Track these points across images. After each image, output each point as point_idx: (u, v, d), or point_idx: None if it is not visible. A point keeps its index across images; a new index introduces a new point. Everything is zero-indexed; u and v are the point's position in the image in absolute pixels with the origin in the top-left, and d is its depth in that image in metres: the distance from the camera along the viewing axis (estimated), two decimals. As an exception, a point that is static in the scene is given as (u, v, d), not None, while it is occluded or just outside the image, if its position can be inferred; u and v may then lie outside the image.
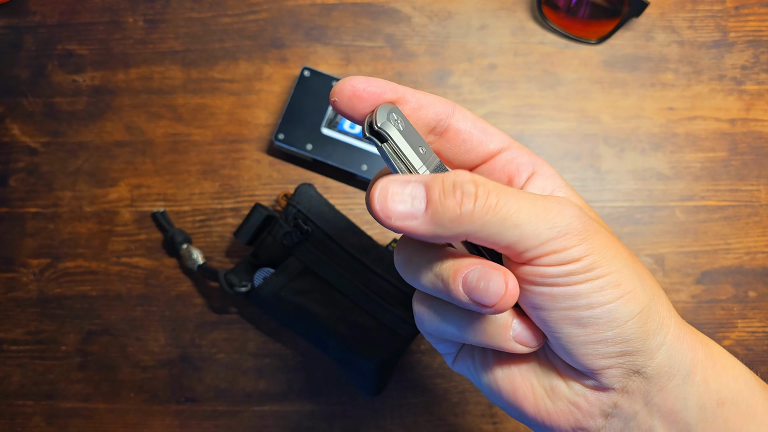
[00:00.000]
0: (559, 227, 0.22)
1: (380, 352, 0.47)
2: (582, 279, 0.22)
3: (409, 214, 0.22)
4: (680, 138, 0.53)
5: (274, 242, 0.47)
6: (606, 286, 0.22)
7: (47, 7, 0.55)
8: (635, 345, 0.23)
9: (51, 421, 0.51)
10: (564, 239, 0.22)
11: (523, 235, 0.22)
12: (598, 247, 0.23)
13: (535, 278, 0.23)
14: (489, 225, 0.22)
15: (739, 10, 0.54)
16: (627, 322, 0.22)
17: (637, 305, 0.23)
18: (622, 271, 0.23)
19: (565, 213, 0.23)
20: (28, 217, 0.52)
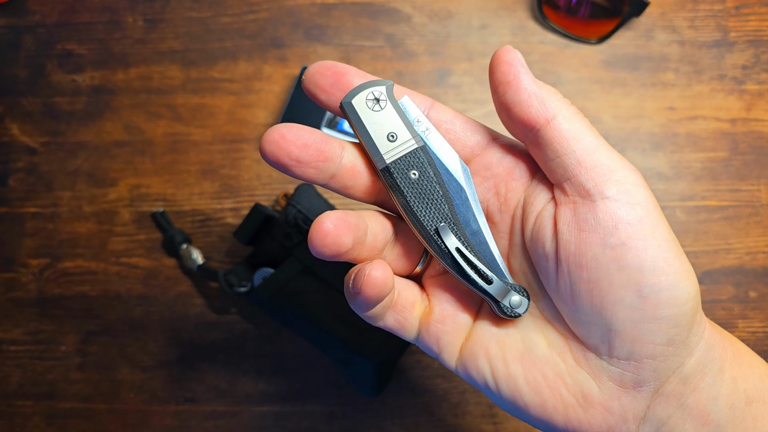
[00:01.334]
0: (626, 164, 0.22)
1: (380, 352, 0.47)
2: (650, 234, 0.21)
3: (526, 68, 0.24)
4: (681, 138, 0.53)
5: (273, 242, 0.47)
6: (669, 252, 0.21)
7: (46, 7, 0.55)
8: (682, 335, 0.21)
9: (50, 422, 0.50)
10: (632, 175, 0.22)
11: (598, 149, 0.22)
12: (656, 208, 0.22)
13: (606, 219, 0.21)
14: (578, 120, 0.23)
15: (739, 10, 0.54)
16: (684, 305, 0.21)
17: (692, 287, 0.21)
18: (677, 246, 0.22)
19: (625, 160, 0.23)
20: (27, 217, 0.52)
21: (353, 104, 0.25)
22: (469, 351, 0.25)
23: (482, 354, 0.25)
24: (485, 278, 0.24)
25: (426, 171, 0.25)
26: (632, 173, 0.22)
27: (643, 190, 0.22)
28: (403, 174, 0.25)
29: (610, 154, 0.22)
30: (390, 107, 0.25)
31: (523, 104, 0.23)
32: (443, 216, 0.25)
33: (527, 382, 0.24)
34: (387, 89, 0.25)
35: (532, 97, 0.22)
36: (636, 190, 0.21)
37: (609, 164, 0.22)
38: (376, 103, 0.25)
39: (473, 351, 0.25)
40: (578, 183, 0.22)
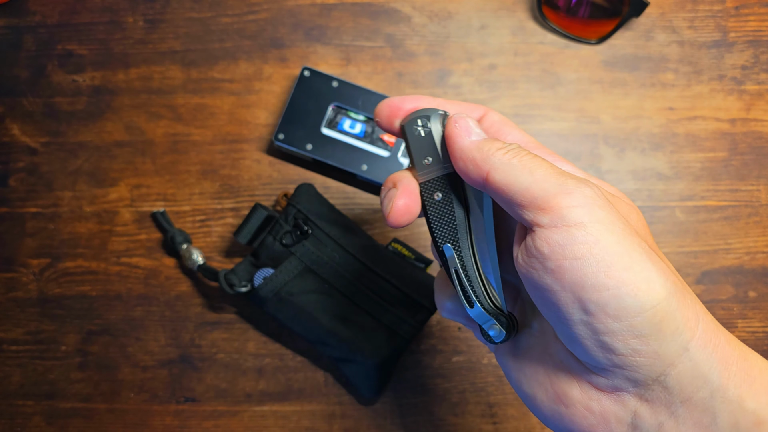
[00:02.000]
0: (568, 187, 0.23)
1: (380, 352, 0.47)
2: (586, 252, 0.21)
3: (468, 132, 0.26)
4: (680, 138, 0.53)
5: (274, 242, 0.47)
6: (614, 266, 0.21)
7: (47, 7, 0.55)
8: (650, 345, 0.21)
9: (51, 421, 0.51)
10: (568, 196, 0.22)
11: (533, 184, 0.23)
12: (605, 219, 0.22)
13: (545, 248, 0.22)
14: (510, 166, 0.24)
15: (739, 10, 0.54)
16: (638, 316, 0.21)
17: (649, 298, 0.21)
18: (633, 255, 0.22)
19: (579, 181, 0.23)
20: (28, 217, 0.52)
21: (404, 127, 0.29)
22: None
23: (503, 346, 0.29)
24: (469, 301, 0.27)
25: (448, 195, 0.28)
26: (568, 196, 0.23)
27: (582, 210, 0.22)
28: (428, 194, 0.28)
29: (548, 183, 0.23)
30: (431, 133, 0.28)
31: (461, 169, 0.26)
32: (452, 238, 0.28)
33: (524, 375, 0.27)
34: (433, 117, 0.28)
35: (467, 162, 0.26)
36: (572, 211, 0.22)
37: (545, 195, 0.23)
38: (422, 128, 0.28)
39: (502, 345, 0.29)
40: (522, 220, 0.24)
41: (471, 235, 0.28)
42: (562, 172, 0.24)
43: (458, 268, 0.27)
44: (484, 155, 0.25)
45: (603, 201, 0.23)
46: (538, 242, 0.23)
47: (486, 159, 0.25)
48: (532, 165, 0.24)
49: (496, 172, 0.24)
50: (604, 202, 0.23)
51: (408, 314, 0.47)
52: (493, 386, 0.50)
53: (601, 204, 0.23)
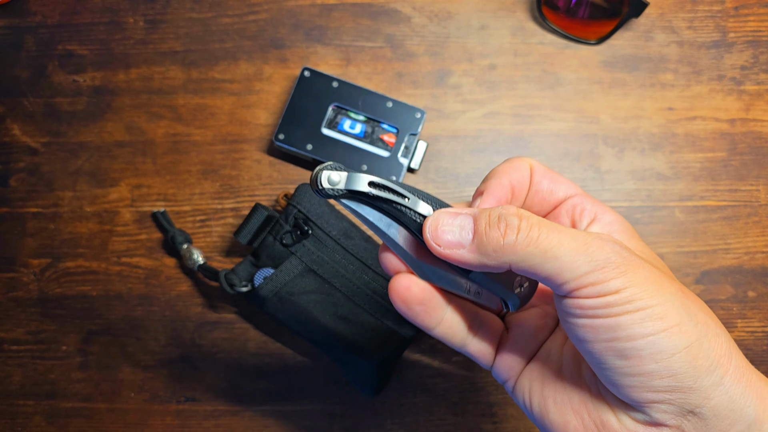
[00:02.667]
0: (598, 260, 0.23)
1: (380, 352, 0.47)
2: (621, 311, 0.22)
3: (457, 243, 0.24)
4: (680, 138, 0.53)
5: (274, 242, 0.47)
6: (647, 318, 0.22)
7: (48, 8, 0.55)
8: (685, 381, 0.22)
9: (51, 421, 0.51)
10: (602, 272, 0.23)
11: (563, 268, 0.23)
12: (639, 280, 0.23)
13: (575, 310, 0.23)
14: (530, 256, 0.23)
15: (738, 11, 0.54)
16: (673, 356, 0.22)
17: (683, 339, 0.22)
18: (666, 304, 0.23)
19: (604, 248, 0.23)
20: (28, 217, 0.52)
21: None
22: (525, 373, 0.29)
23: (527, 375, 0.28)
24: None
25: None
26: (601, 272, 0.23)
27: (616, 281, 0.23)
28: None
29: (576, 262, 0.23)
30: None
31: (476, 269, 0.25)
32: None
33: (555, 403, 0.27)
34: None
35: (480, 267, 0.24)
36: (608, 285, 0.23)
37: (577, 275, 0.23)
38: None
39: (523, 371, 0.29)
40: (555, 291, 0.24)
41: None
42: (586, 242, 0.23)
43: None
44: (494, 257, 0.23)
45: (634, 262, 0.23)
46: (573, 308, 0.23)
47: (499, 259, 0.23)
48: (554, 247, 0.23)
49: (518, 265, 0.23)
50: (636, 262, 0.23)
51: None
52: (493, 386, 0.50)
53: (633, 266, 0.23)
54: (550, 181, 0.29)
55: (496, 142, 0.53)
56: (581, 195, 0.29)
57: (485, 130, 0.53)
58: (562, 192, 0.29)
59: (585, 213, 0.29)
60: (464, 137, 0.53)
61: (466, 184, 0.52)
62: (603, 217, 0.29)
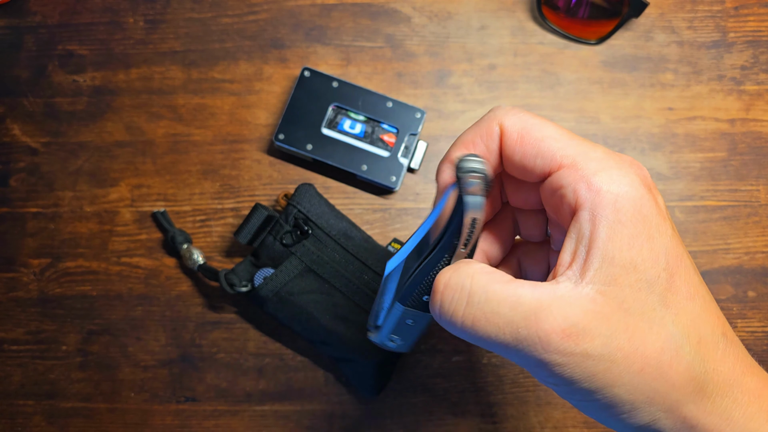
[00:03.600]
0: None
1: (380, 352, 0.47)
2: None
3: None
4: (680, 138, 0.53)
5: (274, 242, 0.47)
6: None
7: (48, 8, 0.55)
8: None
9: (51, 421, 0.51)
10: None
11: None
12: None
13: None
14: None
15: (738, 11, 0.54)
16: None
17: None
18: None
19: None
20: (28, 217, 0.52)
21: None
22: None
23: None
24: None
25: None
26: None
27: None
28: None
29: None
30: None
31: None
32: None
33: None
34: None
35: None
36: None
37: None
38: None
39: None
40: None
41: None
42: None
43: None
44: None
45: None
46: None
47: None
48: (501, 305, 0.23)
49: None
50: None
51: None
52: (492, 386, 0.50)
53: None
54: (532, 148, 0.26)
55: (496, 142, 0.53)
56: (564, 170, 0.25)
57: (485, 130, 0.53)
58: (546, 165, 0.26)
59: (564, 203, 0.25)
60: (464, 137, 0.53)
61: (466, 184, 0.52)
62: (592, 205, 0.25)
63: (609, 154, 0.25)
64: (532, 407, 0.50)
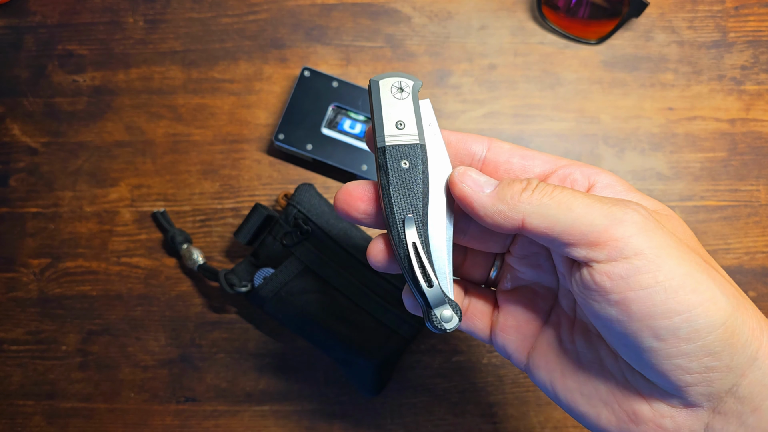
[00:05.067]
0: (615, 215, 0.22)
1: (380, 352, 0.47)
2: (652, 281, 0.21)
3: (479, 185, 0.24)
4: (680, 138, 0.53)
5: (274, 242, 0.47)
6: (681, 289, 0.21)
7: (48, 8, 0.55)
8: (723, 360, 0.21)
9: (51, 421, 0.51)
10: (620, 226, 0.21)
11: (577, 220, 0.22)
12: (663, 243, 0.21)
13: (606, 282, 0.22)
14: (545, 207, 0.22)
15: (738, 11, 0.54)
16: (710, 335, 0.21)
17: (719, 315, 0.21)
18: (695, 274, 0.21)
19: (620, 204, 0.22)
20: (28, 217, 0.52)
21: (379, 84, 0.27)
22: (533, 361, 0.28)
23: (543, 365, 0.27)
24: (428, 280, 0.25)
25: (416, 165, 0.26)
26: (620, 227, 0.22)
27: (637, 238, 0.22)
28: (394, 159, 0.26)
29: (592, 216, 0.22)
30: (410, 100, 0.27)
31: (492, 225, 0.24)
32: (415, 210, 0.26)
33: (582, 395, 0.26)
34: (414, 85, 0.27)
35: (495, 216, 0.24)
36: (629, 242, 0.22)
37: (594, 230, 0.22)
38: (399, 91, 0.27)
39: (535, 362, 0.28)
40: (572, 256, 0.23)
41: (427, 214, 0.26)
42: (602, 200, 0.22)
43: (417, 242, 0.25)
44: (511, 204, 0.23)
45: (654, 223, 0.22)
46: (597, 277, 0.22)
47: (515, 207, 0.23)
48: (568, 200, 0.22)
49: (532, 217, 0.23)
50: (655, 224, 0.22)
51: (408, 314, 0.47)
52: (492, 386, 0.50)
53: (653, 227, 0.22)
54: (521, 158, 0.27)
55: (496, 142, 0.53)
56: (565, 165, 0.27)
57: (485, 130, 0.53)
58: (538, 167, 0.27)
59: (577, 183, 0.26)
60: (464, 137, 0.53)
61: (466, 184, 0.52)
62: (598, 180, 0.26)
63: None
64: (532, 407, 0.50)
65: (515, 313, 0.29)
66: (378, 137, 0.26)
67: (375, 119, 0.27)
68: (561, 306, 0.29)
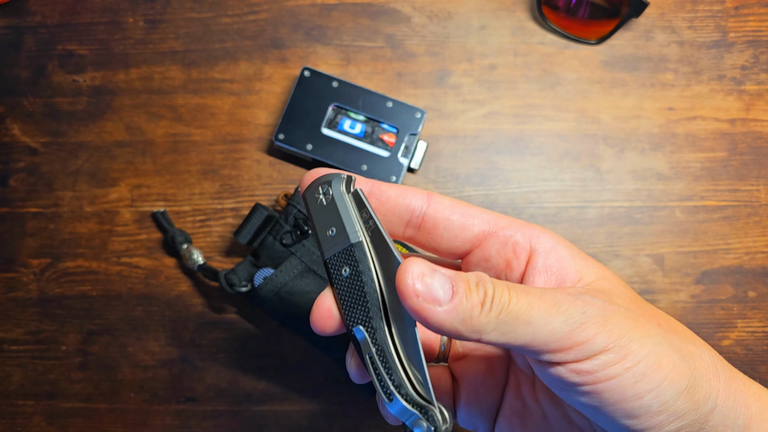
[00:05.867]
0: (574, 318, 0.22)
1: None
2: (620, 370, 0.22)
3: (435, 299, 0.21)
4: (680, 138, 0.53)
5: (274, 242, 0.47)
6: (647, 370, 0.22)
7: (47, 8, 0.55)
8: (689, 417, 0.23)
9: (51, 421, 0.51)
10: (582, 330, 0.22)
11: (537, 333, 0.21)
12: (623, 331, 0.22)
13: (573, 377, 0.22)
14: (503, 324, 0.21)
15: (738, 11, 0.54)
16: (677, 401, 0.22)
17: (682, 381, 0.22)
18: (656, 350, 0.22)
19: (576, 303, 0.22)
20: (28, 217, 0.52)
21: (305, 197, 0.25)
22: (500, 429, 0.28)
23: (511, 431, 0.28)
24: (387, 394, 0.23)
25: (355, 269, 0.24)
26: (582, 331, 0.22)
27: (602, 336, 0.22)
28: (336, 270, 0.24)
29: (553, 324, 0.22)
30: (333, 202, 0.24)
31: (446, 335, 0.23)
32: (364, 319, 0.24)
33: None
34: (335, 181, 0.24)
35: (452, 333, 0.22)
36: (594, 342, 0.22)
37: (556, 339, 0.22)
38: (323, 196, 0.25)
39: (503, 429, 0.28)
40: (538, 359, 0.23)
41: (387, 313, 0.24)
42: (557, 302, 0.22)
43: (373, 354, 0.23)
44: (468, 325, 0.21)
45: (609, 311, 0.22)
46: (565, 373, 0.22)
47: (472, 328, 0.21)
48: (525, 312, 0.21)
49: (489, 335, 0.22)
50: (611, 311, 0.22)
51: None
52: (492, 386, 0.50)
53: (610, 316, 0.22)
54: (461, 215, 0.26)
55: (496, 142, 0.53)
56: (505, 225, 0.26)
57: (485, 130, 0.53)
58: (477, 226, 0.26)
59: (519, 247, 0.26)
60: (464, 137, 0.53)
61: (466, 184, 0.52)
62: (539, 244, 0.26)
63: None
64: (532, 407, 0.50)
65: (474, 382, 0.29)
66: (322, 252, 0.25)
67: (315, 235, 0.25)
68: (517, 365, 0.29)
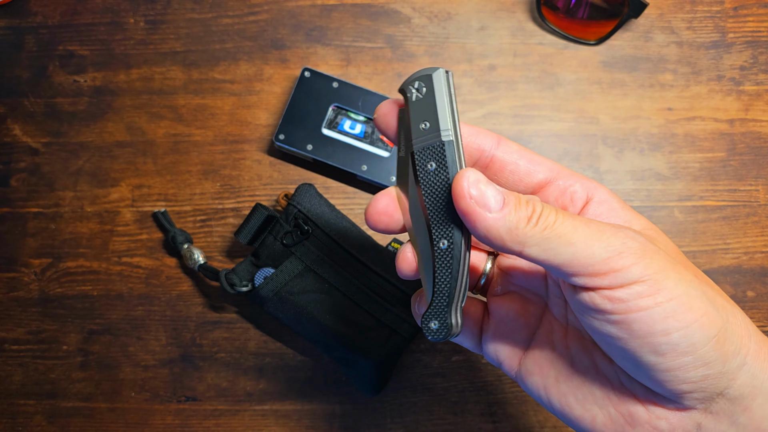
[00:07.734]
0: (614, 246, 0.23)
1: (380, 352, 0.47)
2: (652, 303, 0.22)
3: (485, 205, 0.23)
4: (679, 138, 0.53)
5: (274, 242, 0.47)
6: (679, 309, 0.22)
7: (48, 8, 0.55)
8: (716, 368, 0.23)
9: (52, 421, 0.51)
10: (620, 258, 0.22)
11: (577, 253, 0.23)
12: (660, 268, 0.23)
13: (605, 304, 0.23)
14: (546, 240, 0.23)
15: (737, 11, 0.54)
16: (705, 346, 0.22)
17: (713, 328, 0.23)
18: (690, 292, 0.23)
19: (618, 234, 0.23)
20: (29, 217, 0.53)
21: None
22: (525, 368, 0.28)
23: (536, 371, 0.28)
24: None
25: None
26: (620, 258, 0.22)
27: (637, 267, 0.23)
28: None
29: (593, 248, 0.23)
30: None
31: (489, 243, 0.24)
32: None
33: (576, 400, 0.26)
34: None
35: (495, 241, 0.23)
36: (629, 271, 0.22)
37: (593, 262, 0.23)
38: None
39: (528, 368, 0.28)
40: (574, 283, 0.24)
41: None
42: (600, 230, 0.23)
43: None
44: (513, 235, 0.23)
45: (649, 248, 0.23)
46: (598, 299, 0.23)
47: (516, 239, 0.23)
48: (569, 233, 0.23)
49: (532, 249, 0.23)
50: (650, 248, 0.23)
51: (408, 313, 0.48)
52: (492, 386, 0.50)
53: (649, 252, 0.23)
54: (528, 162, 0.28)
55: (496, 142, 0.53)
56: (566, 175, 0.28)
57: (485, 131, 0.53)
58: (542, 174, 0.28)
59: (576, 195, 0.27)
60: (464, 137, 0.53)
61: (466, 184, 0.53)
62: (596, 194, 0.27)
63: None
64: (531, 407, 0.50)
65: (506, 320, 0.29)
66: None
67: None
68: (552, 313, 0.29)
